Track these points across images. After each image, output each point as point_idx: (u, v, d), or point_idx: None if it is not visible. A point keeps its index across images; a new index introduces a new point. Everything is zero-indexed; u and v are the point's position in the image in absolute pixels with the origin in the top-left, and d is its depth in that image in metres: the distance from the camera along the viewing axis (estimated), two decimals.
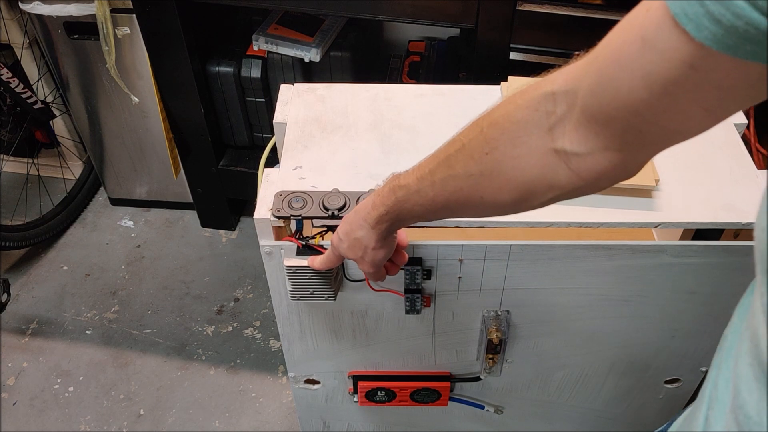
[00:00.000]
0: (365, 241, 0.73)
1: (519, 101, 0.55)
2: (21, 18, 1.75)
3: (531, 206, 0.59)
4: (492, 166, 0.57)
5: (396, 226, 0.72)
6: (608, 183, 0.53)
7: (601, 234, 1.03)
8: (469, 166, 0.59)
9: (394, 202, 0.68)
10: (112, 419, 1.60)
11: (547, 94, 0.52)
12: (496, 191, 0.58)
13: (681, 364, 1.07)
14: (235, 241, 2.01)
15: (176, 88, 1.67)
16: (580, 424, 1.21)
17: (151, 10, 1.52)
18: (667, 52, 0.42)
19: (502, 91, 1.08)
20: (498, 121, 0.57)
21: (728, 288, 0.94)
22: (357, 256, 0.76)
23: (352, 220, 0.74)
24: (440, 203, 0.64)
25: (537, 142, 0.53)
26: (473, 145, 0.59)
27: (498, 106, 0.57)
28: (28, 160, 2.08)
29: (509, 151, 0.55)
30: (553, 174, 0.54)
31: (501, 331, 0.98)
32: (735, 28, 0.37)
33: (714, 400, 0.49)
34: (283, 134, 1.02)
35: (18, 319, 1.81)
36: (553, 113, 0.52)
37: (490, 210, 0.62)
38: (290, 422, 1.59)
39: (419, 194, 0.65)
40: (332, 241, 0.79)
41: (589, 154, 0.51)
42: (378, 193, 0.71)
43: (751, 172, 0.94)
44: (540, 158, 0.54)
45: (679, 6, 0.40)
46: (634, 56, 0.44)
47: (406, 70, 1.77)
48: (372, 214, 0.71)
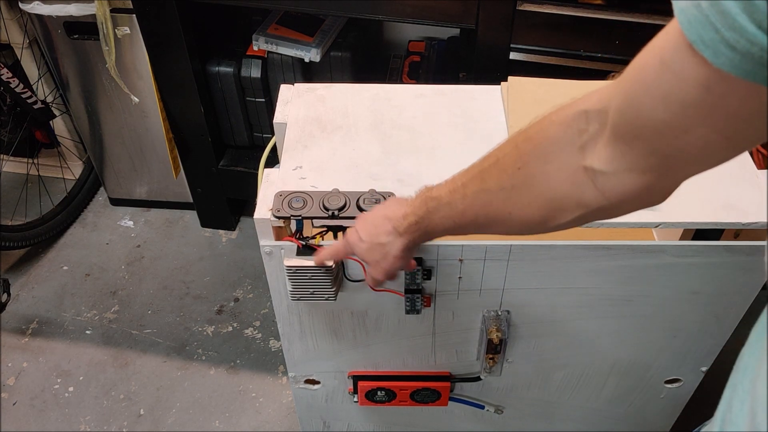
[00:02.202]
0: (389, 247, 0.74)
1: (554, 118, 0.56)
2: (21, 18, 1.75)
3: (557, 225, 0.59)
4: (523, 180, 0.58)
5: (424, 238, 0.73)
6: (632, 207, 0.54)
7: (601, 234, 1.03)
8: (501, 180, 0.60)
9: (425, 212, 0.69)
10: (112, 419, 1.60)
11: (581, 112, 0.53)
12: (525, 206, 0.59)
13: (682, 364, 1.07)
14: (235, 241, 2.01)
15: (176, 88, 1.67)
16: (580, 424, 1.21)
17: (151, 10, 1.52)
18: (683, 73, 0.43)
19: (502, 91, 1.08)
20: (532, 137, 0.57)
21: (729, 288, 0.94)
22: (374, 260, 0.76)
23: (379, 224, 0.74)
24: (469, 217, 0.65)
25: (568, 158, 0.54)
26: (507, 160, 0.60)
27: (533, 123, 0.58)
28: (28, 160, 2.08)
29: (541, 166, 0.56)
30: (580, 192, 0.54)
31: (501, 331, 0.98)
32: (750, 54, 0.38)
33: (728, 422, 0.49)
34: (283, 134, 1.01)
35: (18, 319, 1.81)
36: (585, 131, 0.53)
37: (518, 226, 0.62)
38: (290, 422, 1.59)
39: (450, 206, 0.66)
40: (349, 238, 0.78)
41: (614, 173, 0.51)
42: (409, 203, 0.71)
43: (751, 172, 0.94)
44: (570, 175, 0.54)
45: (696, 33, 0.40)
46: (653, 77, 0.45)
47: (406, 70, 1.77)
48: (402, 223, 0.71)
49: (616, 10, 1.33)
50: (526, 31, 1.37)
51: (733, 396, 0.50)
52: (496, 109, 1.06)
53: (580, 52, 1.38)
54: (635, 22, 1.32)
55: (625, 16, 1.32)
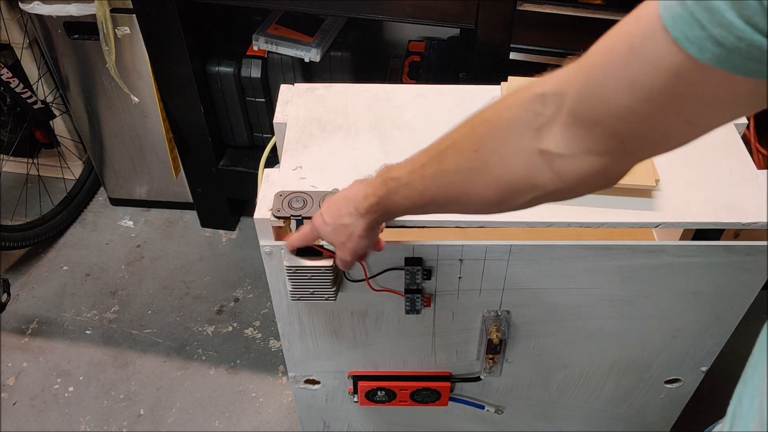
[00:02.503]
0: (352, 228, 0.74)
1: (510, 101, 0.56)
2: (21, 18, 1.75)
3: (514, 206, 0.59)
4: (480, 163, 0.58)
5: (384, 218, 0.74)
6: (588, 188, 0.54)
7: (601, 234, 1.03)
8: (458, 162, 0.60)
9: (385, 193, 0.69)
10: (112, 419, 1.60)
11: (537, 95, 0.53)
12: (482, 188, 0.59)
13: (682, 364, 1.07)
14: (235, 241, 2.01)
15: (176, 88, 1.67)
16: (580, 424, 1.21)
17: (151, 10, 1.52)
18: (653, 61, 0.42)
19: (502, 91, 1.07)
20: (489, 119, 0.58)
21: (729, 288, 0.94)
22: (339, 242, 0.77)
23: (342, 206, 0.75)
24: (428, 198, 0.65)
25: (524, 141, 0.54)
26: (464, 142, 0.60)
27: (490, 105, 0.58)
28: (28, 160, 2.08)
29: (497, 148, 0.56)
30: (536, 174, 0.54)
31: (501, 331, 0.98)
32: (738, 49, 0.38)
33: (738, 417, 0.50)
34: (283, 134, 1.01)
35: (18, 319, 1.81)
36: (541, 114, 0.52)
37: (475, 207, 0.62)
38: (290, 422, 1.59)
39: (409, 187, 0.66)
40: (315, 222, 0.79)
41: (572, 156, 0.51)
42: (370, 183, 0.72)
43: (751, 172, 0.94)
44: (526, 158, 0.54)
45: (680, 29, 0.40)
46: (621, 63, 0.45)
47: (406, 70, 1.77)
48: (363, 204, 0.72)
49: (616, 10, 1.33)
50: (526, 31, 1.37)
51: (743, 392, 0.50)
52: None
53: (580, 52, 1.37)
54: None
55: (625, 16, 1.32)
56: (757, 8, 0.36)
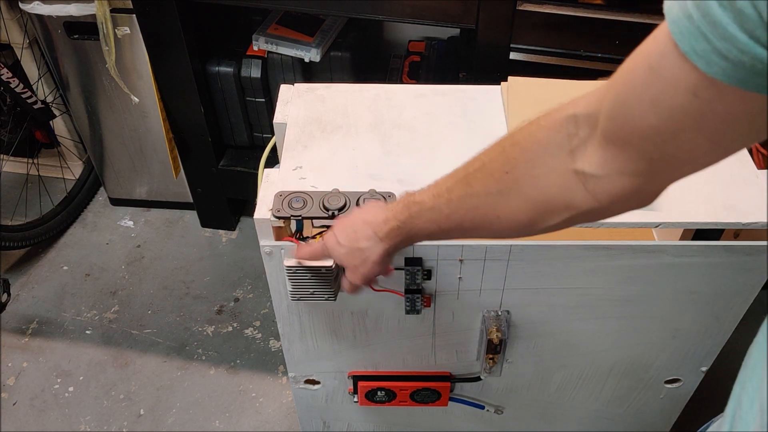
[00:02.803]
0: (368, 252, 0.73)
1: (542, 123, 0.56)
2: (21, 18, 1.75)
3: (545, 227, 0.59)
4: (511, 185, 0.58)
5: (405, 243, 0.72)
6: (623, 208, 0.54)
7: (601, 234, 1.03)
8: (488, 185, 0.60)
9: (407, 217, 0.68)
10: (112, 419, 1.60)
11: (570, 116, 0.53)
12: (513, 210, 0.59)
13: (682, 364, 1.07)
14: (235, 241, 2.01)
15: (176, 88, 1.67)
16: (580, 425, 1.21)
17: (151, 10, 1.52)
18: (671, 79, 0.43)
19: (502, 91, 1.08)
20: (520, 142, 0.58)
21: (729, 288, 0.94)
22: (352, 265, 0.76)
23: (359, 229, 0.73)
24: (455, 221, 0.65)
25: (558, 162, 0.54)
26: (494, 164, 0.60)
27: (521, 127, 0.58)
28: (28, 160, 2.08)
29: (530, 170, 0.56)
30: (571, 195, 0.55)
31: (501, 331, 0.98)
32: (742, 63, 0.38)
33: (738, 419, 0.50)
34: (283, 134, 1.01)
35: (18, 319, 1.81)
36: (575, 135, 0.53)
37: (504, 230, 0.62)
38: (290, 422, 1.59)
39: (433, 211, 0.66)
40: (327, 242, 0.78)
41: (606, 177, 0.52)
42: (390, 208, 0.71)
43: (751, 172, 0.94)
44: (559, 179, 0.55)
45: (688, 44, 0.41)
46: (642, 82, 0.45)
47: (406, 70, 1.77)
48: (383, 228, 0.71)
49: (616, 10, 1.33)
50: (526, 31, 1.37)
51: (742, 393, 0.50)
52: (496, 109, 1.06)
53: (580, 52, 1.38)
54: (635, 22, 1.32)
55: (625, 16, 1.32)
56: (757, 21, 0.36)
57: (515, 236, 0.63)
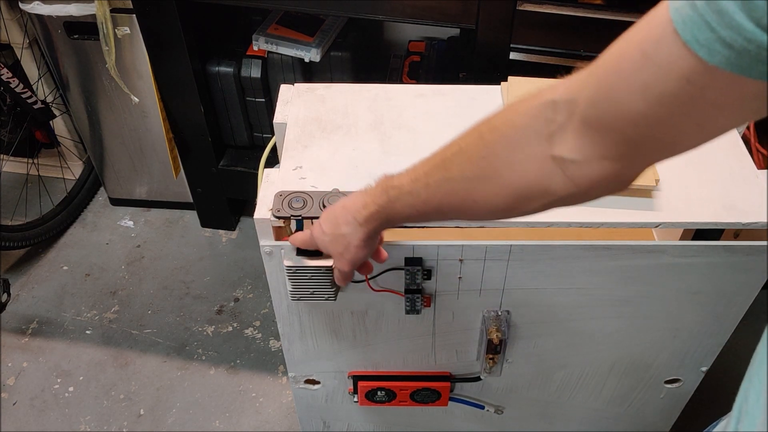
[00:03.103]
0: (350, 237, 0.74)
1: (520, 108, 0.56)
2: (21, 18, 1.75)
3: (523, 212, 0.59)
4: (489, 170, 0.58)
5: (384, 226, 0.73)
6: (601, 192, 0.54)
7: (601, 234, 1.03)
8: (465, 170, 0.60)
9: (386, 201, 0.69)
10: (112, 419, 1.60)
11: (548, 102, 0.53)
12: (490, 195, 0.59)
13: (682, 364, 1.07)
14: (235, 241, 2.01)
15: (176, 88, 1.67)
16: (580, 424, 1.21)
17: (151, 10, 1.52)
18: (665, 66, 0.43)
19: (502, 91, 1.08)
20: (498, 127, 0.58)
21: (729, 288, 0.94)
22: (337, 252, 0.76)
23: (339, 215, 0.74)
24: (432, 205, 0.65)
25: (535, 148, 0.54)
26: (471, 149, 0.60)
27: (498, 112, 0.58)
28: (28, 160, 2.08)
29: (507, 155, 0.56)
30: (548, 180, 0.54)
31: (501, 331, 0.98)
32: (747, 51, 0.38)
33: (744, 413, 0.50)
34: (283, 134, 1.01)
35: (18, 319, 1.81)
36: (553, 121, 0.53)
37: (482, 214, 0.62)
38: (290, 422, 1.59)
39: (411, 195, 0.66)
40: (314, 232, 0.79)
41: (586, 162, 0.52)
42: (369, 193, 0.71)
43: (751, 172, 0.94)
44: (537, 164, 0.54)
45: (690, 33, 0.41)
46: (633, 68, 0.45)
47: (406, 70, 1.77)
48: (362, 213, 0.71)
49: (616, 10, 1.33)
50: (526, 31, 1.37)
51: (749, 388, 0.50)
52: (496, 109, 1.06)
53: (580, 52, 1.38)
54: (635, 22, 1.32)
55: (625, 16, 1.32)
56: (765, 9, 0.36)
57: (493, 219, 0.63)
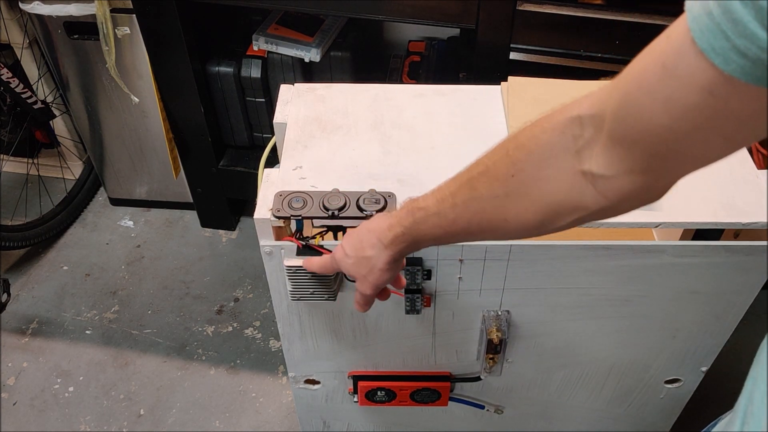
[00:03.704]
0: (374, 260, 0.73)
1: (545, 125, 0.56)
2: (21, 18, 1.75)
3: (555, 228, 0.59)
4: (518, 187, 0.58)
5: (411, 249, 0.72)
6: (633, 205, 0.54)
7: (601, 234, 1.03)
8: (493, 188, 0.60)
9: (411, 223, 0.68)
10: (112, 419, 1.60)
11: (574, 118, 0.53)
12: (521, 212, 0.59)
13: (682, 364, 1.07)
14: (235, 241, 2.01)
15: (176, 88, 1.67)
16: (580, 424, 1.21)
17: (151, 10, 1.52)
18: (686, 78, 0.43)
19: (502, 91, 1.08)
20: (524, 144, 0.57)
21: (729, 288, 0.94)
22: (360, 275, 0.76)
23: (363, 238, 0.74)
24: (460, 225, 0.64)
25: (564, 164, 0.54)
26: (498, 167, 0.59)
27: (524, 129, 0.58)
28: (28, 160, 2.08)
29: (536, 173, 0.56)
30: (579, 195, 0.54)
31: (501, 331, 0.98)
32: (761, 60, 0.38)
33: (749, 414, 0.50)
34: (283, 134, 1.02)
35: (18, 319, 1.81)
36: (580, 137, 0.53)
37: (512, 232, 0.62)
38: (290, 422, 1.59)
39: (438, 216, 0.65)
40: (336, 255, 0.78)
41: (615, 176, 0.52)
42: (394, 215, 0.71)
43: (751, 172, 0.94)
44: (567, 180, 0.55)
45: (707, 41, 0.41)
46: (655, 82, 0.45)
47: (406, 70, 1.77)
48: (387, 235, 0.71)
49: (616, 10, 1.33)
50: (526, 31, 1.37)
51: (754, 389, 0.50)
52: (496, 109, 1.06)
53: (580, 52, 1.38)
54: (635, 22, 1.32)
55: (625, 16, 1.32)
56: None
57: (524, 237, 0.63)
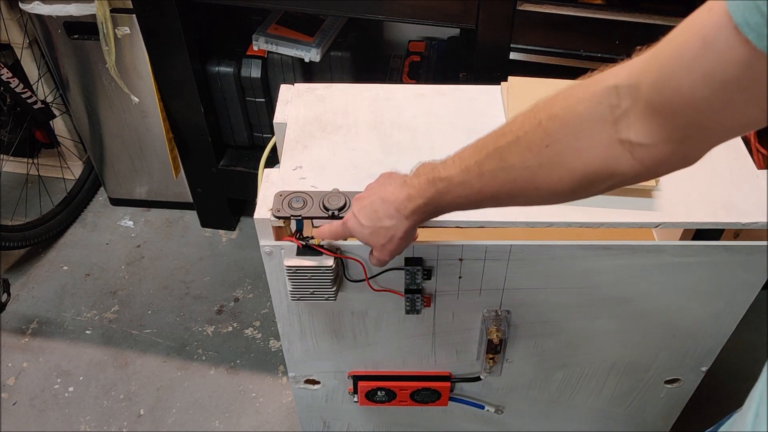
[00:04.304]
0: (394, 230, 0.74)
1: (581, 94, 0.56)
2: (21, 18, 1.75)
3: (587, 194, 0.60)
4: (552, 157, 0.58)
5: (431, 217, 0.73)
6: (668, 170, 0.55)
7: (601, 234, 1.03)
8: (526, 158, 0.60)
9: (434, 194, 0.69)
10: (112, 419, 1.60)
11: (610, 87, 0.53)
12: (554, 182, 0.59)
13: (682, 363, 1.07)
14: (235, 241, 2.01)
15: (176, 88, 1.67)
16: (580, 424, 1.21)
17: (151, 10, 1.52)
18: (725, 53, 0.43)
19: (502, 91, 1.08)
20: (558, 114, 0.58)
21: (729, 288, 0.94)
22: (379, 244, 0.76)
23: (379, 208, 0.74)
24: (487, 194, 0.65)
25: (601, 134, 0.55)
26: (530, 138, 0.60)
27: (556, 98, 0.58)
28: (28, 160, 2.08)
29: (572, 142, 0.57)
30: (616, 163, 0.55)
31: (501, 331, 0.98)
32: None
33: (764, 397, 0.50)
34: (283, 134, 1.02)
35: (18, 319, 1.81)
36: (617, 106, 0.53)
37: (543, 199, 0.63)
38: (290, 422, 1.59)
39: (463, 186, 0.66)
40: (349, 224, 0.78)
41: (654, 145, 0.52)
42: (412, 185, 0.71)
43: (751, 172, 0.94)
44: (604, 149, 0.55)
45: (742, 15, 0.41)
46: (694, 55, 0.46)
47: (406, 70, 1.77)
48: (407, 206, 0.71)
49: (616, 10, 1.33)
50: (526, 31, 1.37)
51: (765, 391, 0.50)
52: (496, 109, 1.06)
53: (580, 52, 1.38)
54: (635, 22, 1.32)
55: (625, 16, 1.32)
56: None
57: (557, 203, 0.63)
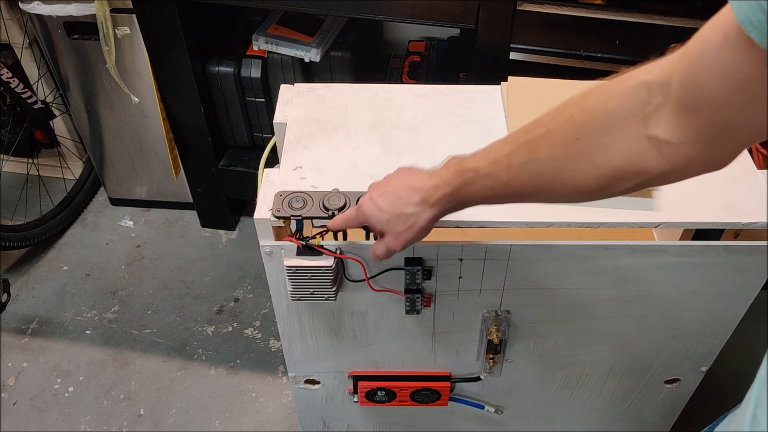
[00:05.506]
0: (415, 218, 0.73)
1: (612, 90, 0.56)
2: (21, 18, 1.75)
3: (613, 192, 0.60)
4: (581, 151, 0.58)
5: (455, 209, 0.72)
6: (696, 172, 0.55)
7: (601, 234, 1.03)
8: (555, 152, 0.60)
9: (460, 184, 0.68)
10: (112, 419, 1.60)
11: (642, 83, 0.53)
12: (581, 177, 0.59)
13: (682, 363, 1.07)
14: (235, 241, 2.01)
15: (176, 88, 1.67)
16: (580, 424, 1.21)
17: (151, 10, 1.52)
18: (744, 51, 0.43)
19: (502, 91, 1.08)
20: (590, 108, 0.58)
21: (729, 288, 0.94)
22: (396, 231, 0.75)
23: (404, 195, 0.73)
24: (514, 187, 0.65)
25: (630, 129, 0.55)
26: (561, 131, 0.60)
27: (588, 94, 0.58)
28: (28, 160, 2.08)
29: (601, 137, 0.57)
30: (643, 160, 0.55)
31: (501, 331, 0.98)
32: None
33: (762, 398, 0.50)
34: (283, 134, 1.02)
35: (18, 319, 1.81)
36: (648, 103, 0.53)
37: (569, 196, 0.62)
38: (290, 422, 1.59)
39: (490, 177, 0.65)
40: (365, 208, 0.76)
41: (681, 143, 0.52)
42: (439, 175, 0.71)
43: (751, 172, 0.94)
44: (632, 145, 0.55)
45: (744, 14, 0.41)
46: (715, 53, 0.46)
47: (406, 70, 1.77)
48: (433, 195, 0.71)
49: (616, 10, 1.33)
50: (526, 31, 1.37)
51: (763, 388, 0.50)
52: (496, 109, 1.06)
53: (580, 52, 1.38)
54: (635, 22, 1.32)
55: (625, 16, 1.32)
56: None
57: (579, 201, 0.63)
